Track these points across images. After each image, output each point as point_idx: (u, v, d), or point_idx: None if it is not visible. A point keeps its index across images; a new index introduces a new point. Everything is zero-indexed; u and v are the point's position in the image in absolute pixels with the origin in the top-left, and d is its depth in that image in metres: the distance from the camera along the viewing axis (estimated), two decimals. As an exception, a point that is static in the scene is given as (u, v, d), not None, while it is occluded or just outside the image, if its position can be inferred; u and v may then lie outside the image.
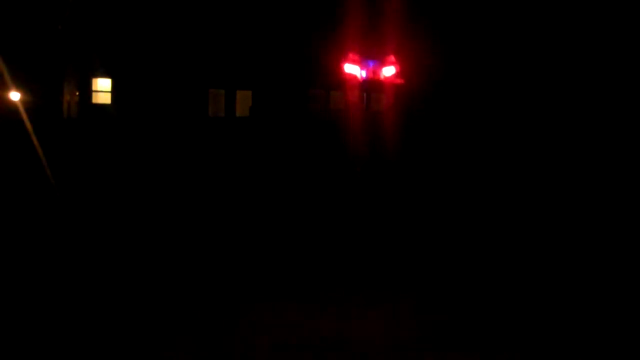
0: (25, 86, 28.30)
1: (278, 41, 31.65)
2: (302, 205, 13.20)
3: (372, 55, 23.86)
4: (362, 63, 23.48)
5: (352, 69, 23.37)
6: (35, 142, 17.92)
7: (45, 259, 8.72)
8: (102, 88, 30.58)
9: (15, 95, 28.00)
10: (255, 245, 9.83)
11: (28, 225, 10.54)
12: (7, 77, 27.13)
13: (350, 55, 23.61)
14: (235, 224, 11.20)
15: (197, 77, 30.88)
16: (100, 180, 15.65)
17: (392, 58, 23.86)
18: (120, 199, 13.38)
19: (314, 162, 20.38)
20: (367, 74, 23.49)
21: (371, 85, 23.74)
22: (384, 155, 20.05)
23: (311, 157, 21.66)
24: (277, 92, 32.29)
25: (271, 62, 31.78)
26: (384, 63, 23.67)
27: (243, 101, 32.39)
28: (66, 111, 32.04)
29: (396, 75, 23.99)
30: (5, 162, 17.28)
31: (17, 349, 5.78)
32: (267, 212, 12.35)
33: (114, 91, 30.38)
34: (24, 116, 22.10)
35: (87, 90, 30.31)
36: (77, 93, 30.67)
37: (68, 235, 10.06)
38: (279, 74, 32.02)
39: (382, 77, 23.68)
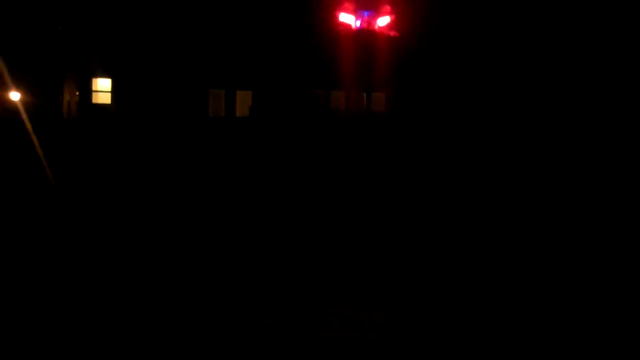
0: (25, 86, 28.31)
1: (278, 41, 31.66)
2: (301, 205, 13.20)
3: (367, 6, 23.43)
4: (357, 12, 23.15)
5: (347, 18, 23.07)
6: (35, 142, 17.91)
7: (45, 258, 8.72)
8: (102, 88, 30.58)
9: (15, 95, 28.00)
10: (255, 245, 9.83)
11: (28, 225, 10.54)
12: (7, 77, 27.13)
13: (345, 4, 23.30)
14: (235, 224, 11.20)
15: (197, 77, 30.88)
16: (100, 180, 15.64)
17: (387, 8, 23.49)
18: (120, 199, 13.37)
19: (314, 161, 20.38)
20: (361, 23, 23.11)
21: (364, 36, 22.97)
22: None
23: (311, 157, 21.66)
24: (277, 92, 32.30)
25: (271, 62, 31.79)
26: (379, 14, 23.26)
27: (243, 101, 32.40)
28: (66, 111, 32.05)
29: (390, 26, 23.47)
30: (5, 162, 17.28)
31: (17, 349, 5.78)
32: (267, 212, 12.35)
33: (114, 91, 30.38)
34: (24, 116, 22.10)
35: (87, 90, 30.31)
36: (77, 93, 30.67)
37: (68, 235, 10.06)
38: (279, 74, 32.03)
39: (376, 27, 23.24)
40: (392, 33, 23.91)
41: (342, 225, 11.52)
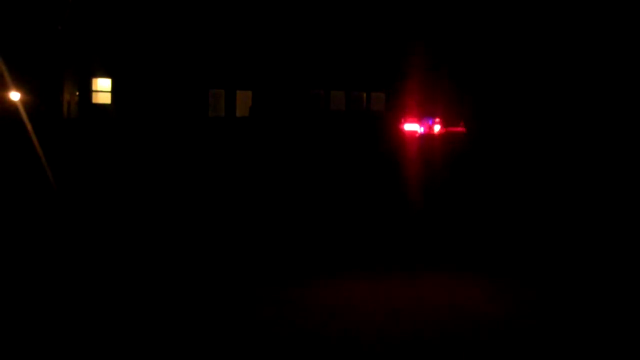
0: (25, 86, 28.33)
1: (278, 43, 31.70)
2: (301, 205, 13.19)
3: (425, 115, 30.92)
4: (420, 121, 30.54)
5: (411, 127, 30.37)
6: (35, 142, 17.93)
7: (45, 258, 8.72)
8: (102, 88, 30.60)
9: (15, 95, 28.01)
10: (254, 244, 9.83)
11: (28, 225, 10.54)
12: (7, 77, 27.14)
13: (409, 116, 30.84)
14: (235, 223, 11.20)
15: (197, 78, 30.91)
16: (100, 180, 15.65)
17: (438, 118, 30.95)
18: (120, 198, 13.37)
19: (314, 161, 20.41)
20: (424, 129, 30.30)
21: (426, 138, 29.38)
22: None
23: (311, 156, 21.68)
24: (277, 92, 32.35)
25: (271, 62, 31.84)
26: (434, 121, 30.73)
27: (243, 101, 32.44)
28: (66, 111, 32.07)
29: (442, 128, 30.71)
30: (5, 162, 17.29)
31: (17, 349, 5.79)
32: (266, 212, 12.35)
33: (114, 91, 30.40)
34: (24, 116, 22.11)
35: (87, 90, 30.33)
36: (77, 93, 30.69)
37: (68, 235, 10.06)
38: (279, 74, 32.08)
39: (434, 131, 30.43)
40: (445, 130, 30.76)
41: (340, 223, 11.52)
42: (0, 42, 27.32)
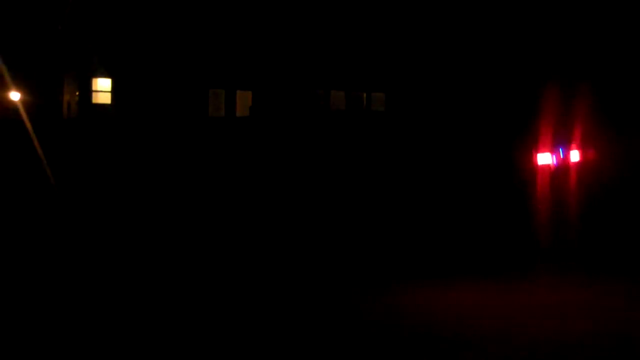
0: (25, 86, 28.29)
1: (278, 40, 31.67)
2: (301, 208, 13.19)
3: (559, 143, 26.07)
4: (552, 150, 25.77)
5: (545, 158, 25.45)
6: (35, 142, 17.90)
7: (45, 258, 8.71)
8: (102, 88, 30.57)
9: (15, 95, 27.98)
10: (252, 248, 9.82)
11: (28, 225, 10.53)
12: (7, 77, 27.12)
13: (541, 145, 25.89)
14: (234, 225, 11.20)
15: (197, 77, 30.87)
16: (100, 180, 15.63)
17: (575, 145, 26.19)
18: (120, 199, 13.37)
19: (314, 161, 20.38)
20: (557, 160, 25.58)
21: (561, 171, 25.41)
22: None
23: (311, 157, 21.65)
24: (277, 92, 32.30)
25: (271, 62, 31.80)
26: (570, 149, 25.98)
27: (243, 101, 32.39)
28: (66, 111, 32.03)
29: (581, 159, 26.08)
30: (5, 162, 17.26)
31: (17, 349, 5.77)
32: (267, 214, 12.35)
33: (114, 91, 30.37)
34: (24, 116, 22.08)
35: (87, 90, 30.30)
36: (77, 93, 30.65)
37: (68, 235, 10.05)
38: (279, 74, 32.03)
39: (570, 162, 25.80)
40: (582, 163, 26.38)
41: (339, 225, 11.52)
42: (0, 42, 27.28)
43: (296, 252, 9.62)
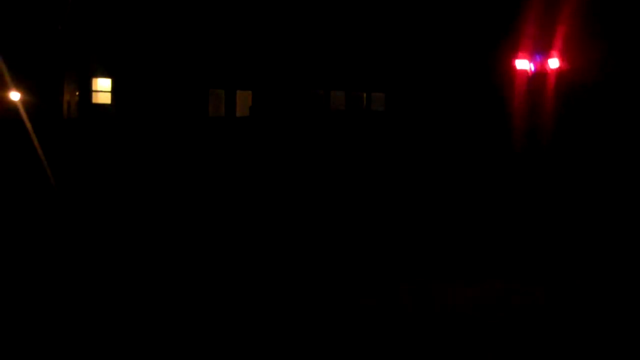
0: (25, 86, 28.28)
1: (278, 41, 31.67)
2: (301, 206, 13.19)
3: (538, 50, 25.50)
4: (530, 57, 25.24)
5: (523, 64, 25.06)
6: (35, 142, 17.90)
7: (45, 258, 8.71)
8: (102, 88, 30.57)
9: (15, 95, 27.98)
10: (252, 247, 9.82)
11: (28, 225, 10.53)
12: (7, 77, 27.11)
13: (521, 51, 25.48)
14: (234, 225, 11.19)
15: (197, 77, 30.87)
16: (100, 180, 15.63)
17: (556, 52, 25.39)
18: (120, 199, 13.37)
19: (314, 161, 20.38)
20: (535, 67, 25.09)
21: (538, 78, 24.86)
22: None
23: (311, 157, 21.66)
24: (277, 92, 32.30)
25: (271, 62, 31.80)
26: (549, 56, 25.23)
27: (243, 101, 32.39)
28: (66, 111, 32.02)
29: (560, 67, 25.27)
30: (5, 162, 17.25)
31: (17, 349, 5.77)
32: (266, 213, 12.35)
33: (114, 91, 30.37)
34: (24, 116, 22.08)
35: (87, 90, 30.29)
36: (77, 93, 30.65)
37: (68, 235, 10.05)
38: (279, 74, 32.03)
39: (548, 69, 25.12)
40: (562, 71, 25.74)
41: (339, 223, 11.51)
42: (0, 42, 27.28)
43: (297, 249, 9.62)
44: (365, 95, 34.41)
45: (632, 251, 9.70)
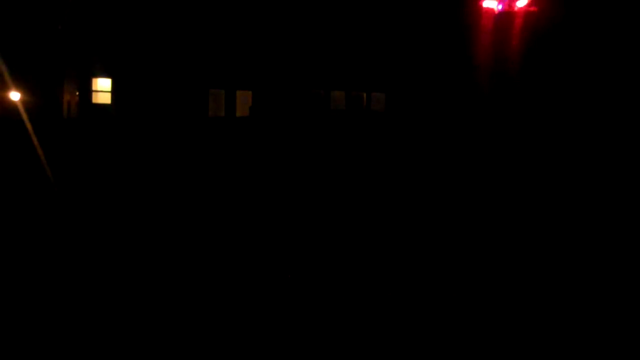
0: (25, 86, 28.30)
1: (278, 41, 31.69)
2: (301, 207, 13.18)
3: None
4: None
5: (489, 3, 24.82)
6: (35, 142, 17.92)
7: (45, 258, 8.71)
8: (102, 88, 30.60)
9: (15, 95, 27.99)
10: (253, 247, 9.81)
11: (28, 225, 10.53)
12: (7, 77, 27.12)
13: None
14: (234, 225, 11.19)
15: (197, 77, 30.90)
16: (100, 180, 15.64)
17: None
18: (120, 199, 13.36)
19: (314, 161, 20.39)
20: (503, 6, 24.78)
21: (506, 17, 24.37)
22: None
23: (311, 157, 21.68)
24: (277, 92, 32.33)
25: (271, 62, 31.82)
26: None
27: (243, 101, 32.41)
28: (66, 111, 32.05)
29: (529, 4, 24.71)
30: (5, 162, 17.28)
31: (17, 349, 5.78)
32: (266, 213, 12.34)
33: (114, 91, 30.40)
34: (24, 116, 22.09)
35: (87, 90, 30.32)
36: (77, 93, 30.67)
37: (68, 235, 10.05)
38: (279, 74, 32.06)
39: (516, 8, 24.64)
40: (531, 9, 24.90)
41: (341, 225, 11.51)
42: (0, 42, 27.30)
43: (294, 249, 9.61)
44: (365, 95, 34.45)
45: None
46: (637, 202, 8.69)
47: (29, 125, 20.50)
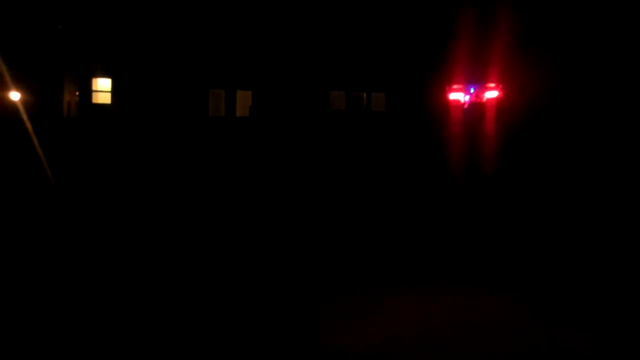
0: (25, 86, 28.29)
1: (278, 41, 31.67)
2: (301, 206, 13.17)
3: (473, 81, 25.51)
4: (465, 89, 25.32)
5: (456, 95, 25.24)
6: (35, 142, 17.90)
7: (45, 258, 8.71)
8: (102, 88, 30.59)
9: (15, 95, 27.99)
10: (253, 248, 9.80)
11: (28, 225, 10.52)
12: (7, 77, 27.12)
13: (454, 83, 25.55)
14: (234, 226, 11.18)
15: (197, 77, 30.88)
16: (100, 180, 15.62)
17: (493, 83, 25.42)
18: (120, 199, 13.36)
19: (314, 161, 20.37)
20: (470, 98, 25.17)
21: (473, 109, 24.70)
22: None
23: (311, 157, 21.65)
24: (277, 92, 32.31)
25: (271, 62, 31.80)
26: (485, 88, 25.21)
27: (243, 101, 32.40)
28: (66, 111, 32.05)
29: (498, 97, 25.23)
30: (5, 162, 17.26)
31: (17, 349, 5.77)
32: (266, 213, 12.33)
33: (114, 91, 30.39)
34: (24, 116, 22.08)
35: (87, 90, 30.31)
36: (77, 93, 30.66)
37: (68, 235, 10.05)
38: (279, 74, 32.03)
39: (484, 100, 25.02)
40: (499, 101, 25.41)
41: (340, 225, 11.49)
42: (0, 42, 27.29)
43: (295, 249, 9.61)
44: (365, 95, 34.43)
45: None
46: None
47: (29, 125, 20.49)
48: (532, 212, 10.69)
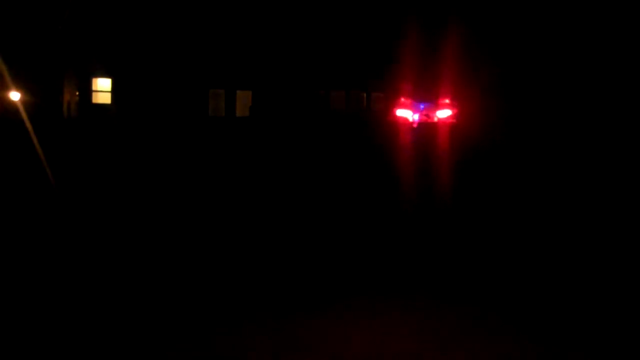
0: (25, 86, 28.32)
1: (278, 41, 31.72)
2: (300, 206, 13.18)
3: (425, 99, 24.40)
4: (413, 107, 24.08)
5: (404, 113, 24.04)
6: (35, 142, 17.92)
7: (45, 258, 8.72)
8: (102, 88, 30.64)
9: (15, 95, 28.00)
10: (254, 248, 9.80)
11: (28, 225, 10.53)
12: (7, 77, 27.14)
13: (402, 100, 24.38)
14: (234, 225, 11.19)
15: (197, 77, 30.93)
16: (100, 180, 15.64)
17: (446, 100, 24.31)
18: (120, 199, 13.36)
19: (314, 161, 20.40)
20: (419, 117, 23.95)
21: (423, 127, 23.80)
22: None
23: (311, 156, 21.68)
24: (277, 92, 32.37)
25: (271, 62, 31.85)
26: (438, 106, 24.04)
27: (243, 101, 32.46)
28: (66, 111, 32.08)
29: (451, 117, 24.23)
30: (6, 162, 17.28)
31: (17, 349, 5.78)
32: (265, 213, 12.34)
33: (114, 91, 30.44)
34: (24, 116, 22.09)
35: (87, 90, 30.36)
36: (77, 93, 30.71)
37: (68, 234, 10.05)
38: (279, 74, 32.08)
39: (435, 119, 23.94)
40: (452, 121, 24.33)
41: (338, 224, 11.50)
42: (0, 42, 27.33)
43: (295, 249, 9.61)
44: (365, 95, 34.48)
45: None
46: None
47: (29, 125, 20.50)
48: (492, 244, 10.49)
